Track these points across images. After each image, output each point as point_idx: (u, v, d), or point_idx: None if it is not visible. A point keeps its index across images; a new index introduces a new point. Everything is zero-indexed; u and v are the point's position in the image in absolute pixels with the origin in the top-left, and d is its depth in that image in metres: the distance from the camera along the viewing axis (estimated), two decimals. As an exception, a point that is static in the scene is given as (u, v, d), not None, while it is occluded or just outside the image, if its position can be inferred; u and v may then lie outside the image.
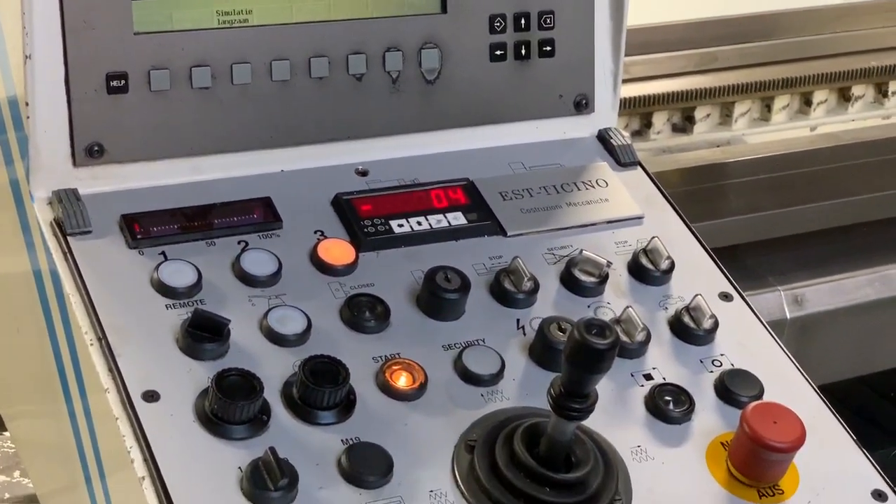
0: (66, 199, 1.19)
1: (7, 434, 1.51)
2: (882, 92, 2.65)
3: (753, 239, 2.10)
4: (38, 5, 1.16)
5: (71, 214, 1.18)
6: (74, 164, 1.20)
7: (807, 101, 2.60)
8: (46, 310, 1.21)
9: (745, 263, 1.96)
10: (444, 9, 1.30)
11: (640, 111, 2.49)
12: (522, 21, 1.33)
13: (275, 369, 1.12)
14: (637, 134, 2.37)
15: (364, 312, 1.18)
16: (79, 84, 1.19)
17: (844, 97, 2.63)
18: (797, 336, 2.01)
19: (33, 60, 1.17)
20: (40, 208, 1.19)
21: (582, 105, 1.38)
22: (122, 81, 1.20)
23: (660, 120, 2.53)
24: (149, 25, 1.20)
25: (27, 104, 1.18)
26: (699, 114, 2.54)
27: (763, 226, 2.15)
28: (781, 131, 2.56)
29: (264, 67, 1.24)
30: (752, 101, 2.57)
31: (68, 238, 1.17)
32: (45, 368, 1.22)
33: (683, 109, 2.54)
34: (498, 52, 1.33)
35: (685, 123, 2.55)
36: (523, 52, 1.34)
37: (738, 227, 2.10)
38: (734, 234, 2.07)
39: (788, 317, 2.06)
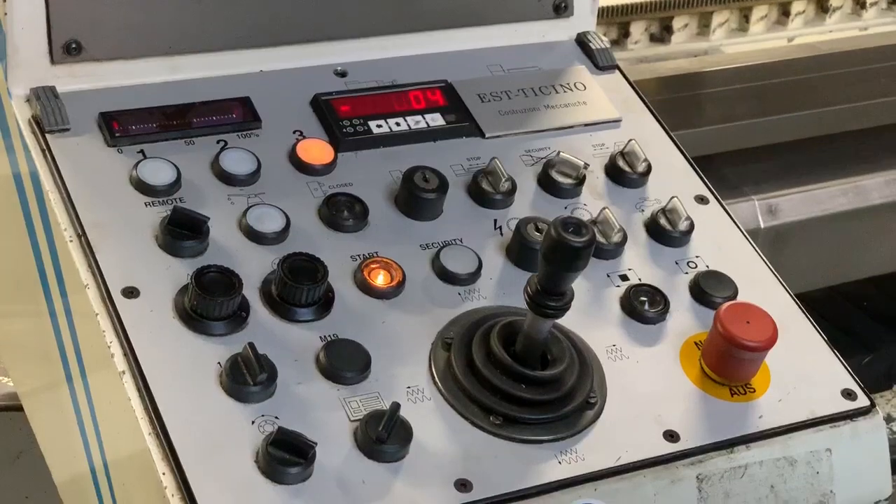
0: (44, 97, 1.18)
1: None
2: (860, 3, 2.65)
3: (729, 148, 2.10)
4: None
5: (49, 112, 1.18)
6: (52, 61, 1.19)
7: (785, 12, 2.60)
8: (26, 211, 1.20)
9: (720, 173, 1.96)
10: None
11: (617, 20, 2.48)
12: (502, -79, 1.33)
13: (254, 267, 1.13)
14: (615, 43, 2.36)
15: (342, 211, 1.18)
16: (56, -20, 1.18)
17: (822, 8, 2.62)
18: (770, 245, 2.02)
19: (9, -45, 1.16)
20: (18, 106, 1.19)
21: (561, 8, 1.37)
22: (100, -22, 1.19)
23: (637, 29, 2.53)
24: (127, -79, 1.20)
25: (3, 1, 1.17)
26: (677, 24, 2.53)
27: (739, 135, 2.15)
28: (759, 42, 2.56)
29: (243, -35, 1.24)
30: (730, 12, 2.57)
31: (47, 135, 1.17)
32: (26, 268, 1.22)
33: (661, 19, 2.54)
34: (477, -47, 1.32)
35: (663, 33, 2.55)
36: (502, -48, 1.33)
37: (715, 136, 2.10)
38: (710, 144, 2.07)
39: (762, 226, 2.07)
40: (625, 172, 1.29)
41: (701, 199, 1.30)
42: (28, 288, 1.22)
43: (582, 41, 1.39)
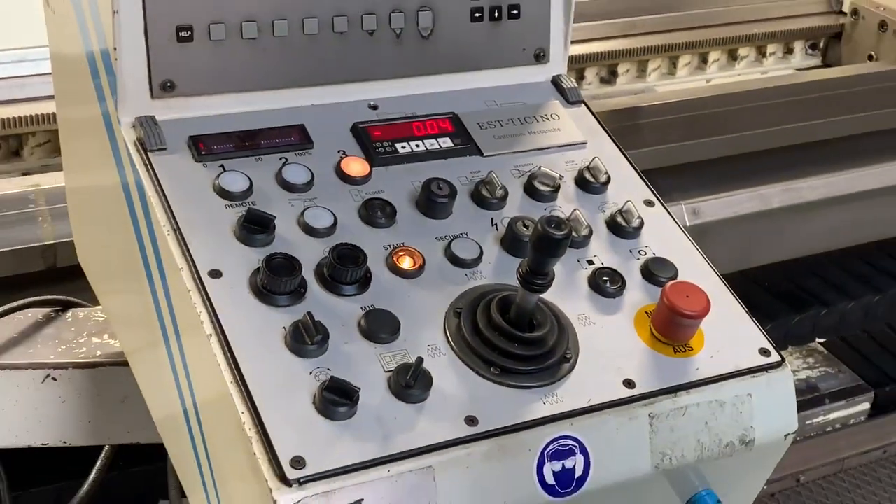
0: (147, 124, 1.18)
1: (99, 307, 1.51)
2: (762, 53, 2.67)
3: (662, 165, 2.11)
4: (123, -27, 1.15)
5: (150, 135, 1.17)
6: (152, 96, 1.19)
7: (704, 60, 2.62)
8: (132, 211, 1.20)
9: (655, 183, 1.98)
10: (435, -20, 1.29)
11: (575, 67, 2.50)
12: (496, -10, 1.32)
13: (310, 254, 1.13)
14: (572, 85, 2.35)
15: (377, 212, 1.18)
16: (155, 34, 1.18)
17: (733, 57, 2.64)
18: (694, 239, 2.03)
19: (119, 15, 1.16)
20: (126, 131, 1.19)
21: (540, 56, 1.37)
22: (189, 32, 1.19)
23: (590, 74, 2.54)
24: (210, -11, 1.19)
25: (115, 49, 1.17)
26: (621, 69, 2.55)
27: (669, 155, 2.16)
28: (684, 83, 2.58)
29: (298, 23, 1.23)
30: (661, 60, 2.59)
31: (148, 153, 1.17)
32: (131, 256, 1.22)
33: (608, 66, 2.55)
34: (477, 15, 1.31)
35: (610, 77, 2.56)
36: (496, 14, 1.32)
37: (651, 155, 2.11)
38: (647, 161, 2.07)
39: (688, 224, 2.08)
40: (590, 182, 1.28)
41: (649, 203, 1.30)
42: (133, 271, 1.22)
43: (556, 82, 1.38)
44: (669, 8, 2.60)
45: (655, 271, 1.21)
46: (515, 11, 1.34)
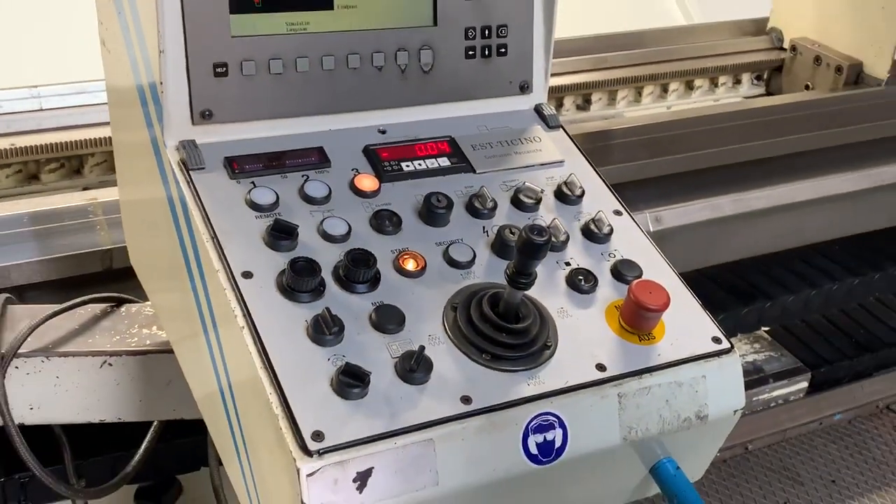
0: (188, 147, 1.18)
1: (148, 303, 1.51)
2: (714, 84, 2.67)
3: (629, 179, 2.10)
4: (168, 20, 1.15)
5: (191, 156, 1.17)
6: (193, 123, 1.19)
7: (664, 90, 2.61)
8: (176, 221, 1.20)
9: (623, 196, 1.97)
10: (435, 23, 1.29)
11: (554, 96, 2.50)
12: (486, 32, 1.32)
13: (328, 258, 1.13)
14: (553, 111, 2.35)
15: (385, 221, 1.18)
16: (195, 70, 1.17)
17: (689, 87, 2.64)
18: (657, 243, 2.02)
19: (165, 53, 1.16)
20: (171, 153, 1.19)
21: (525, 88, 1.37)
22: (224, 68, 1.19)
23: (568, 102, 2.54)
24: (242, 31, 1.19)
25: (161, 83, 1.17)
26: (594, 98, 2.55)
27: (635, 171, 2.15)
28: (648, 109, 2.57)
29: (318, 61, 1.23)
30: (628, 90, 2.58)
31: (190, 172, 1.17)
32: (175, 260, 1.22)
33: (583, 95, 2.55)
34: (470, 52, 1.31)
35: (585, 104, 2.56)
36: (487, 52, 1.32)
37: (619, 171, 2.10)
38: (617, 176, 2.07)
39: (651, 230, 2.07)
40: (567, 195, 1.28)
41: (617, 213, 1.29)
42: (177, 273, 1.22)
43: (538, 109, 1.38)
44: (635, 46, 2.60)
45: (623, 271, 1.21)
46: (503, 50, 1.34)
